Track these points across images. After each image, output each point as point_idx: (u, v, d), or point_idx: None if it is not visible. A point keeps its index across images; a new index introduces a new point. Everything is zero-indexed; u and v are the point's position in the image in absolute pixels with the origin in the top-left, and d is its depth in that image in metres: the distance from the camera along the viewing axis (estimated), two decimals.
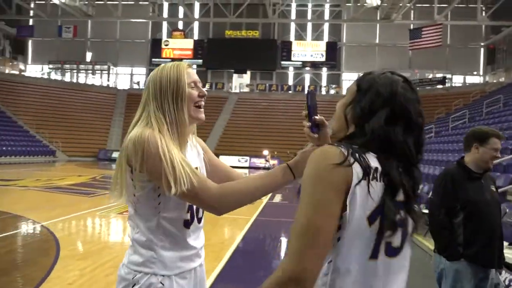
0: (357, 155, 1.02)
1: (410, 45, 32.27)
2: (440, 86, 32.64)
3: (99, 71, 38.50)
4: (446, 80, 33.00)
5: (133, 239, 1.40)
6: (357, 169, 1.01)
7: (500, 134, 2.55)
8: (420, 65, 35.28)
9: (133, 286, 1.36)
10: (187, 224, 1.44)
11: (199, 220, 1.49)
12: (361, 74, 1.23)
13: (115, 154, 28.84)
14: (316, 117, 1.31)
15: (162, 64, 1.48)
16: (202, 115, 1.49)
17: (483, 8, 32.66)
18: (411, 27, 32.56)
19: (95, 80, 38.08)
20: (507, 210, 4.83)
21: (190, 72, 1.47)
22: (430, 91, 32.51)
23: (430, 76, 34.51)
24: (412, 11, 34.90)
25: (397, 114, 1.07)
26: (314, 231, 0.96)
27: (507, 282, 3.98)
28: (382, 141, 1.05)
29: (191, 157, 1.52)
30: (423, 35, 31.35)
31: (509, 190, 6.72)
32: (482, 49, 36.85)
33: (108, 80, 38.52)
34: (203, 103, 1.48)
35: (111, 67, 38.77)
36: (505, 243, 4.54)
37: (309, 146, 1.43)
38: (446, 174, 2.59)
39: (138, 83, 38.21)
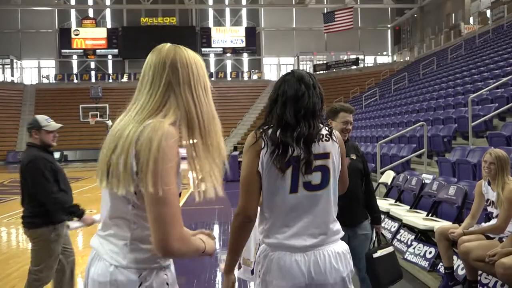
0: (260, 133, 1.60)
1: (325, 29, 33.52)
2: (354, 67, 34.46)
3: (0, 66, 34.90)
4: (359, 61, 34.91)
5: (132, 237, 1.25)
6: (261, 143, 1.58)
7: (348, 108, 2.84)
8: (336, 48, 36.89)
9: (139, 285, 1.24)
10: None
11: None
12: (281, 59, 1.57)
13: None
14: None
15: (179, 46, 1.32)
16: None
17: None
18: (325, 11, 33.80)
19: None
20: (408, 177, 5.23)
21: None
22: (345, 71, 34.20)
23: (345, 57, 36.25)
24: None
25: (279, 96, 1.63)
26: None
27: (408, 243, 4.33)
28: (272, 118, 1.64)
29: None
30: (336, 18, 32.71)
31: (412, 159, 7.30)
32: (389, 31, 39.49)
33: (12, 75, 35.11)
34: None
35: (15, 60, 35.35)
36: (406, 207, 4.93)
37: None
38: None
39: (47, 76, 35.32)
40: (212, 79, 36.18)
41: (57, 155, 26.33)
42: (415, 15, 34.90)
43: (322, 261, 1.53)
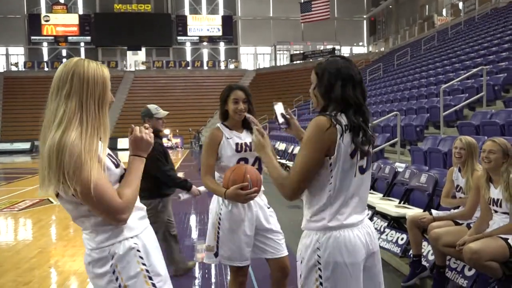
0: (334, 119, 1.58)
1: (301, 18, 33.54)
2: None
3: None
4: (336, 51, 35.14)
5: (92, 225, 1.45)
6: (338, 128, 1.57)
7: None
8: (312, 37, 37.00)
9: (112, 258, 1.43)
10: None
11: None
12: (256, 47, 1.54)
13: None
14: (282, 119, 1.92)
15: (84, 59, 1.47)
16: None
17: None
18: (302, 0, 33.79)
19: None
20: (382, 166, 5.34)
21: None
22: None
23: (322, 47, 36.43)
24: None
25: (346, 80, 1.62)
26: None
27: (381, 230, 4.44)
28: (341, 102, 1.62)
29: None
30: (313, 8, 32.80)
31: (385, 148, 7.44)
32: (365, 21, 39.88)
33: None
34: None
35: None
36: (379, 195, 5.03)
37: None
38: None
39: (16, 64, 34.08)
40: (189, 68, 35.77)
41: (27, 145, 25.51)
42: (390, 6, 35.34)
43: (370, 231, 1.70)
